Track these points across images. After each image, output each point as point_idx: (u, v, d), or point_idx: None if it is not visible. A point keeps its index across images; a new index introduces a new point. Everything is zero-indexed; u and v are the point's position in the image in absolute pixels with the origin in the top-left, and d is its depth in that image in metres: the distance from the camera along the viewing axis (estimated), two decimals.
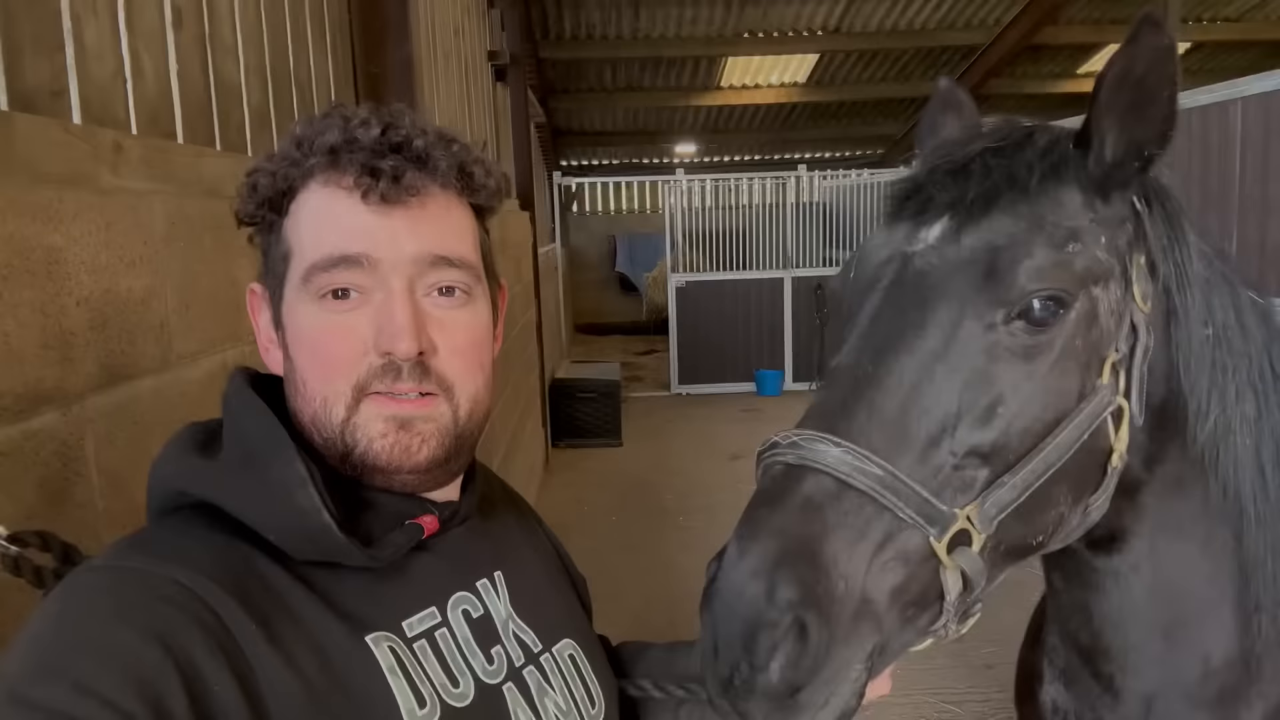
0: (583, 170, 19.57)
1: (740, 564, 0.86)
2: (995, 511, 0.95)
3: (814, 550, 0.87)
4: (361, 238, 0.89)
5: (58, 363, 1.13)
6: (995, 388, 0.97)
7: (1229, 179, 4.55)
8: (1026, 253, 0.99)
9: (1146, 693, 1.26)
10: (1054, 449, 0.98)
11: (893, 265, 1.06)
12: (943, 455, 0.95)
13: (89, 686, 0.66)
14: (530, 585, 1.08)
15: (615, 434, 8.55)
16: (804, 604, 0.84)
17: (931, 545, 0.92)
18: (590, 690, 1.05)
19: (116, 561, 0.79)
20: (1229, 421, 1.12)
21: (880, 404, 0.95)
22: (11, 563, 0.88)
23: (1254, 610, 1.18)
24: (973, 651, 4.22)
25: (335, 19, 3.01)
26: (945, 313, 0.99)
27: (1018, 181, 1.03)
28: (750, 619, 0.84)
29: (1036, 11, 11.43)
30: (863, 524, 0.90)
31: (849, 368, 1.00)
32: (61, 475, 1.14)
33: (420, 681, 0.86)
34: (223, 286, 1.62)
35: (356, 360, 0.89)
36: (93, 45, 1.57)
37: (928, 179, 1.08)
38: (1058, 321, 0.99)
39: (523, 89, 7.87)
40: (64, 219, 1.17)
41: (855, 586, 0.88)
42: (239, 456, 0.87)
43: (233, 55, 2.21)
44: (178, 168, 1.52)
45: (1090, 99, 1.02)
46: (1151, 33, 0.95)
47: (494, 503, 1.14)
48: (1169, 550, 1.19)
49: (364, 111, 0.93)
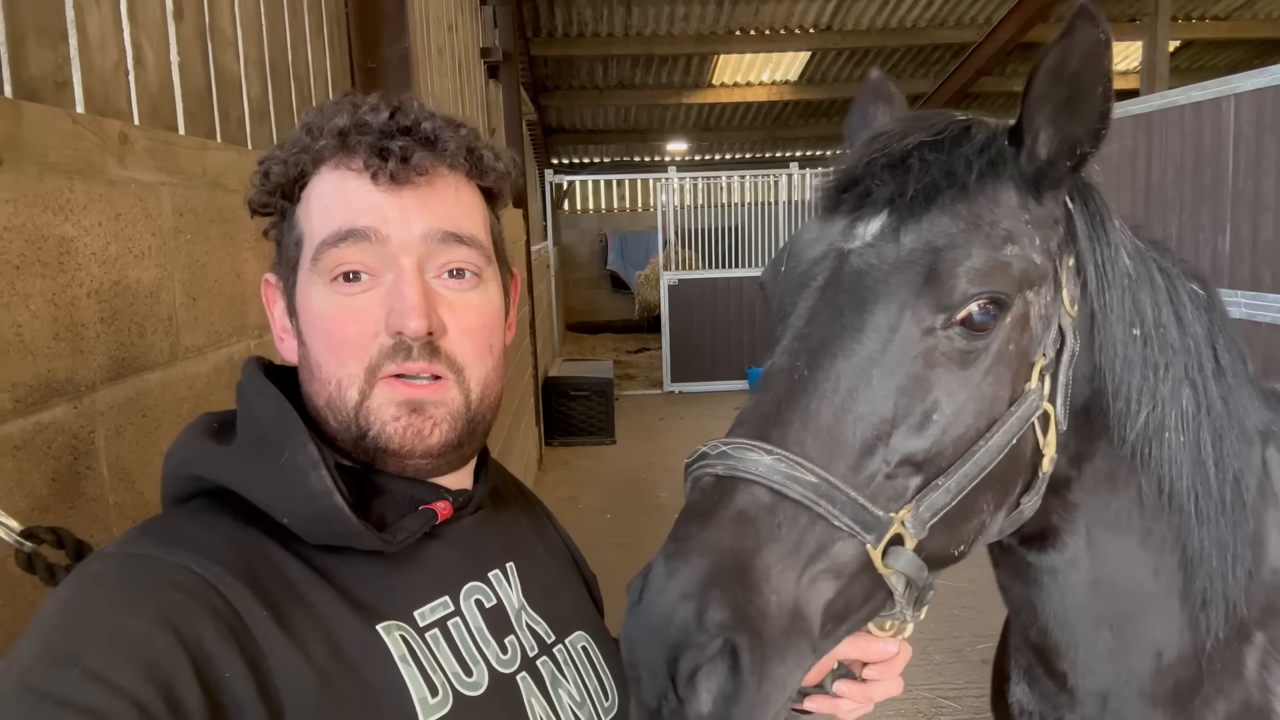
0: (574, 168, 19.56)
1: (668, 585, 0.80)
2: (929, 515, 0.92)
3: (746, 566, 0.81)
4: (371, 214, 0.89)
5: (69, 355, 1.12)
6: (931, 394, 0.94)
7: (1222, 175, 4.57)
8: (966, 254, 0.95)
9: (1100, 690, 1.24)
10: (985, 453, 0.95)
11: (828, 262, 1.02)
12: (877, 462, 0.91)
13: (100, 674, 0.66)
14: (542, 577, 1.07)
15: (608, 432, 8.55)
16: (735, 626, 0.78)
17: (868, 552, 0.88)
18: (604, 682, 1.05)
19: (128, 549, 0.79)
20: (1162, 419, 1.10)
21: (815, 410, 0.90)
22: (25, 559, 0.87)
23: (1200, 606, 1.16)
24: (969, 647, 4.24)
25: (333, 13, 3.00)
26: (883, 316, 0.95)
27: (957, 178, 0.99)
28: (677, 643, 0.78)
29: (1027, 9, 11.45)
30: (798, 535, 0.85)
31: (783, 371, 0.95)
32: (72, 469, 1.12)
33: (432, 670, 0.86)
34: (229, 280, 1.61)
35: (368, 342, 0.89)
36: (95, 36, 1.55)
37: (865, 171, 1.04)
38: (995, 326, 0.96)
39: (515, 86, 7.85)
40: (74, 209, 1.15)
41: (788, 601, 0.83)
42: (253, 441, 0.87)
43: (232, 48, 2.19)
44: (183, 159, 1.51)
45: (1023, 93, 0.99)
46: (1087, 25, 0.92)
47: (505, 496, 1.14)
48: (1107, 545, 1.17)
49: (373, 98, 0.94)
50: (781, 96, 15.44)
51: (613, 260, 17.94)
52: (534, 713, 0.93)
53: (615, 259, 17.90)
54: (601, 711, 1.02)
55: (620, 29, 12.56)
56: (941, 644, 4.28)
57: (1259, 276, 4.30)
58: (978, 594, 4.94)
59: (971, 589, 5.00)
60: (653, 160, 19.29)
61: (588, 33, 12.67)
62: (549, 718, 0.95)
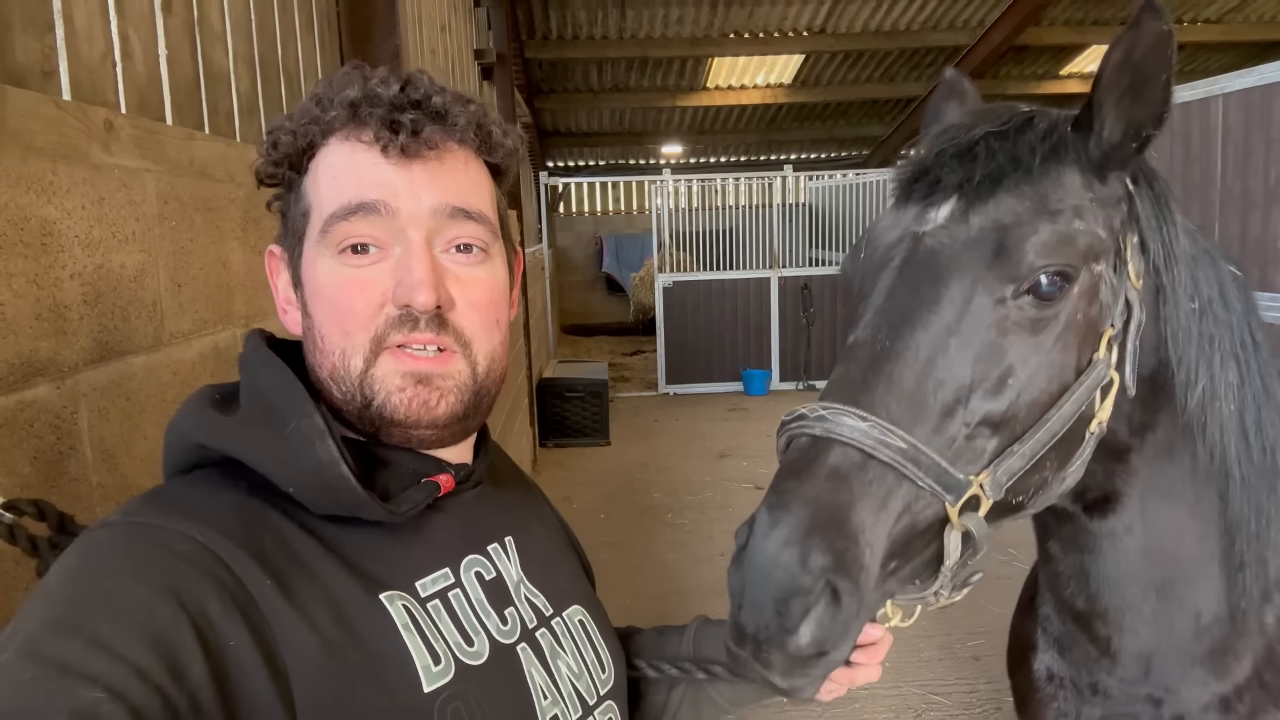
0: (569, 171, 19.57)
1: (773, 532, 0.89)
2: (1006, 479, 1.00)
3: (843, 519, 0.90)
4: (380, 187, 0.89)
5: (51, 335, 1.13)
6: (1006, 360, 1.01)
7: (1210, 173, 4.60)
8: (1033, 230, 1.02)
9: (1143, 652, 1.30)
10: (1058, 419, 1.03)
11: (904, 245, 1.09)
12: (956, 425, 0.99)
13: (103, 642, 0.66)
14: (539, 552, 1.09)
15: (603, 433, 8.55)
16: (836, 570, 0.88)
17: (947, 511, 0.97)
18: (600, 655, 1.06)
19: (132, 518, 0.78)
20: (1215, 389, 1.17)
21: (898, 377, 0.98)
22: (7, 530, 0.88)
23: (1238, 568, 1.23)
24: (959, 644, 4.24)
25: (323, 10, 3.01)
26: (957, 288, 1.02)
27: (1021, 163, 1.06)
28: (784, 584, 0.87)
29: (1020, 13, 11.51)
30: (885, 494, 0.94)
31: (866, 343, 1.02)
32: (55, 448, 1.13)
33: (435, 639, 0.87)
34: (214, 268, 1.62)
35: (374, 313, 0.89)
36: (82, 26, 1.56)
37: (934, 162, 1.11)
38: (1063, 296, 1.03)
39: (509, 88, 7.87)
40: (57, 192, 1.16)
41: (878, 553, 0.92)
42: (257, 411, 0.87)
43: (221, 42, 2.20)
44: (169, 148, 1.52)
45: (1094, 82, 1.06)
46: (1152, 18, 0.99)
47: (502, 475, 1.15)
48: (1160, 512, 1.24)
49: (382, 70, 0.94)
50: (775, 99, 15.48)
51: (608, 263, 17.95)
52: (534, 683, 0.94)
53: (610, 261, 17.90)
54: (599, 683, 1.03)
55: (615, 32, 12.60)
56: (932, 640, 4.30)
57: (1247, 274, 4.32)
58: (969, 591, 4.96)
59: None
60: (648, 163, 19.30)
61: (582, 35, 12.70)
62: (549, 688, 0.96)
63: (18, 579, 1.05)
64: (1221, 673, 1.29)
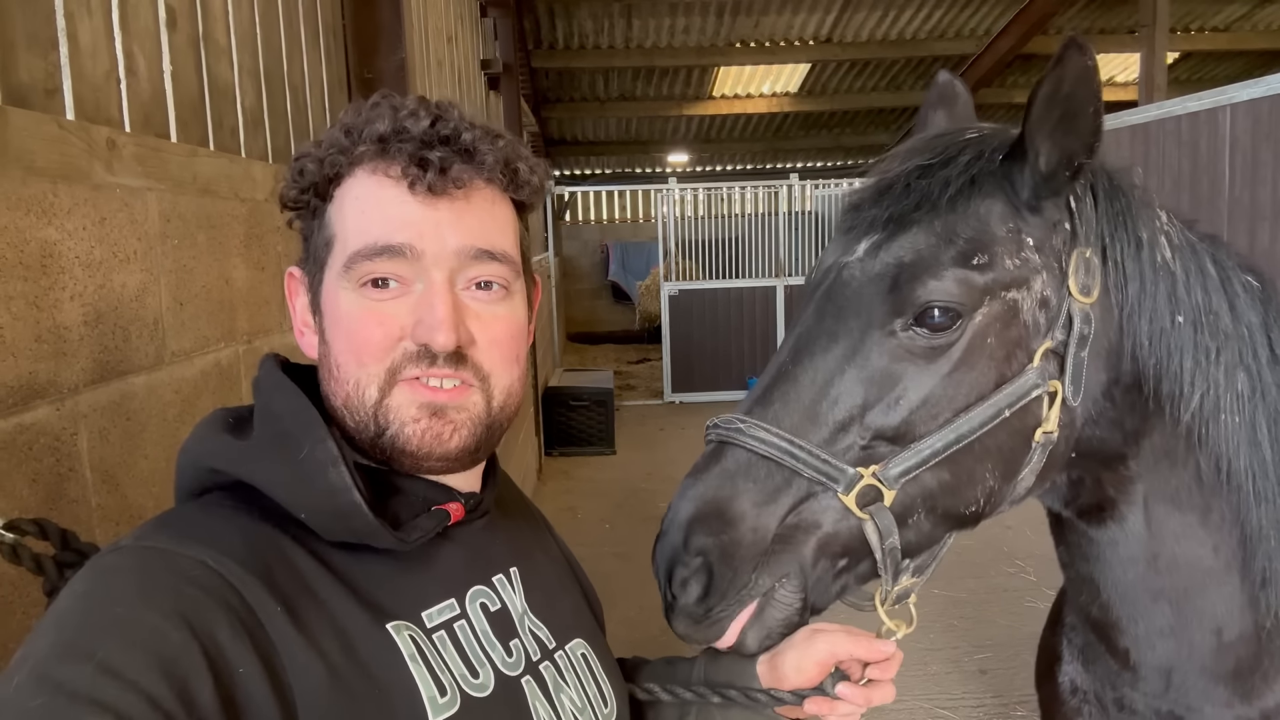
0: (575, 179, 19.62)
1: (670, 521, 1.08)
2: (898, 471, 1.07)
3: (723, 508, 1.06)
4: (407, 228, 0.89)
5: (51, 356, 1.12)
6: (900, 384, 1.09)
7: (1218, 184, 4.58)
8: (926, 268, 1.10)
9: (1163, 666, 1.29)
10: (964, 423, 1.08)
11: (830, 274, 1.18)
12: (852, 436, 1.09)
13: (114, 669, 0.66)
14: (543, 584, 1.09)
15: (608, 442, 8.54)
16: (709, 550, 1.04)
17: (840, 500, 1.06)
18: (602, 689, 1.06)
19: (143, 542, 0.78)
20: (1217, 401, 1.17)
21: (798, 395, 1.10)
22: (10, 550, 0.88)
23: (1261, 585, 1.21)
24: (967, 658, 4.22)
25: (329, 23, 3.01)
26: (854, 321, 1.12)
27: (933, 200, 1.12)
28: (671, 560, 1.07)
29: (1026, 21, 11.50)
30: (774, 485, 1.07)
31: (782, 363, 1.14)
32: (54, 471, 1.13)
33: (440, 671, 0.86)
34: (217, 285, 1.62)
35: (391, 345, 0.89)
36: (87, 44, 1.56)
37: (867, 196, 1.19)
38: (958, 325, 1.09)
39: (516, 98, 7.88)
40: (58, 213, 1.16)
41: (765, 533, 1.06)
42: (271, 436, 0.87)
43: (226, 57, 2.20)
44: (172, 166, 1.52)
45: (1024, 116, 1.10)
46: (1077, 54, 1.03)
47: (508, 505, 1.15)
48: (1167, 520, 1.23)
49: (412, 102, 0.93)
50: (781, 108, 15.50)
51: (614, 271, 17.98)
52: (538, 715, 0.94)
53: (616, 270, 17.93)
54: (601, 717, 1.03)
55: (621, 41, 12.63)
56: (939, 654, 4.27)
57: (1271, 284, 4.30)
58: (976, 604, 4.93)
59: (970, 599, 5.00)
60: (654, 171, 19.34)
61: (589, 45, 12.73)
62: None
63: (16, 603, 1.04)
64: (1248, 694, 1.26)
